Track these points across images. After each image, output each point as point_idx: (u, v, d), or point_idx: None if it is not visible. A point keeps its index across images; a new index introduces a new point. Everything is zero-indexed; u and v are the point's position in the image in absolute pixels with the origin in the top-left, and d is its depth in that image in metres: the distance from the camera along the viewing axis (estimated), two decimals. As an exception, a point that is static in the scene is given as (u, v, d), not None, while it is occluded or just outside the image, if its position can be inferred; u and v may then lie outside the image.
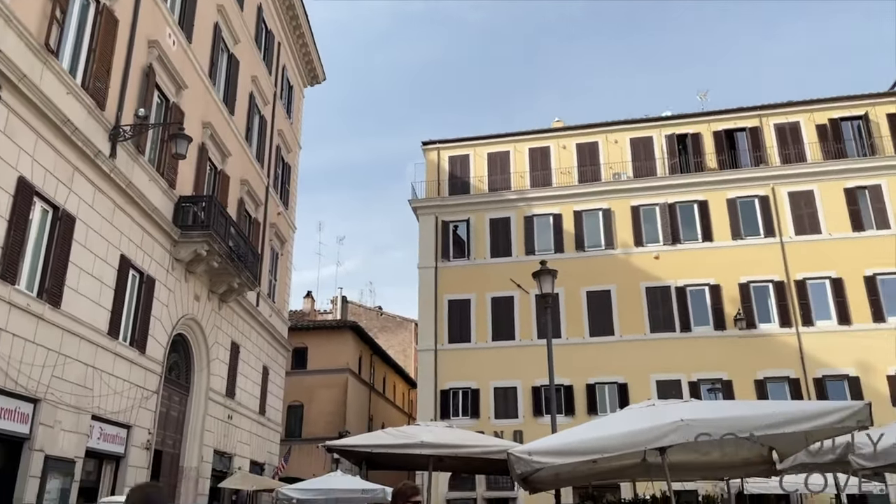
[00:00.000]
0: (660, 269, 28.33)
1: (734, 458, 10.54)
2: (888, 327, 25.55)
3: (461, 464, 11.99)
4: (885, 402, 23.92)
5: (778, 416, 7.97)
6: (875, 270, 26.31)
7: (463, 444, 9.14)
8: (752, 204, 28.51)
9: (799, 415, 7.98)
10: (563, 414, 25.60)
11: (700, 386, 26.14)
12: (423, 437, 9.08)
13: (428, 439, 9.01)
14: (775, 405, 11.61)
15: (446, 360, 28.72)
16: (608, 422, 10.35)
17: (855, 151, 28.59)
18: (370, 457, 10.77)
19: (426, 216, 31.51)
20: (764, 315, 27.00)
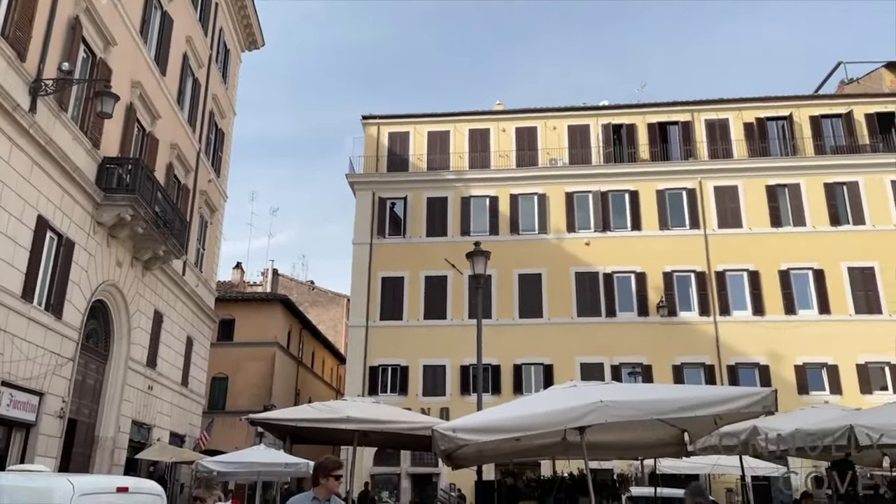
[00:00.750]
0: (590, 256, 29.03)
1: (649, 438, 10.97)
2: (798, 319, 27.04)
3: (386, 439, 12.08)
4: (792, 390, 25.36)
5: (690, 400, 8.34)
6: (790, 265, 27.73)
7: (388, 419, 9.20)
8: (680, 196, 29.50)
9: (710, 399, 8.37)
10: (489, 393, 26.03)
11: (622, 369, 27.05)
12: (349, 412, 9.09)
13: (354, 414, 9.02)
14: (688, 389, 12.14)
15: (377, 336, 28.73)
16: (531, 401, 10.60)
17: (778, 151, 29.92)
18: (295, 431, 10.71)
19: (363, 192, 31.23)
20: (685, 303, 28.10)
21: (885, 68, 31.67)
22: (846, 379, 26.05)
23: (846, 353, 26.23)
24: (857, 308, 27.00)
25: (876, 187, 28.40)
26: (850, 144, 29.37)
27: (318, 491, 5.03)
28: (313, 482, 5.09)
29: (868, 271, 27.32)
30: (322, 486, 5.01)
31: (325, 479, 5.00)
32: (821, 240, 27.83)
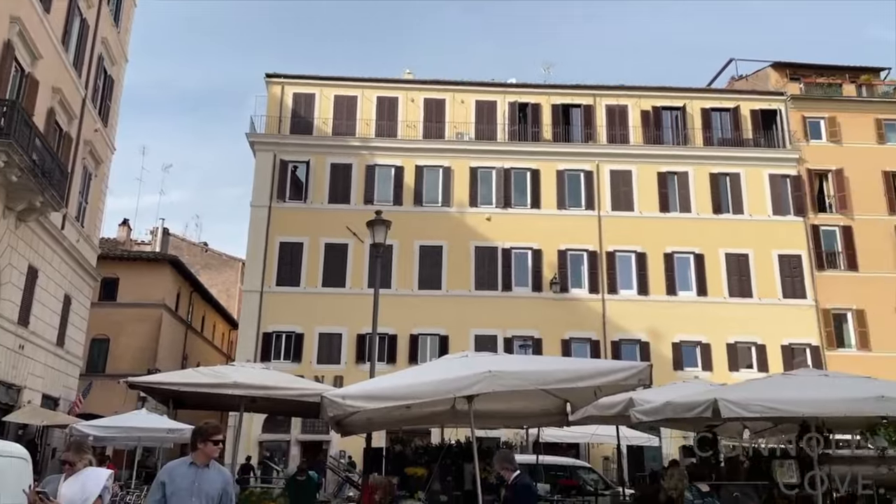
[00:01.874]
0: (490, 231, 29.55)
1: (534, 408, 11.41)
2: (678, 300, 28.77)
3: (275, 406, 11.91)
4: (668, 366, 27.02)
5: (572, 372, 8.74)
6: (674, 249, 29.37)
7: (277, 386, 9.06)
8: (579, 178, 30.49)
9: (590, 372, 8.80)
10: (384, 362, 26.14)
11: (514, 342, 27.89)
12: (236, 377, 8.88)
13: (241, 380, 8.82)
14: (571, 362, 12.68)
15: (272, 302, 28.14)
16: (422, 370, 10.75)
17: (671, 139, 31.43)
18: (178, 396, 10.35)
19: (264, 153, 30.26)
20: (576, 281, 29.23)
21: (771, 68, 33.79)
22: (717, 357, 28.04)
23: (719, 333, 28.20)
24: (731, 292, 29.00)
25: (755, 180, 30.43)
26: (736, 138, 31.28)
27: (196, 456, 4.91)
28: (191, 447, 4.97)
29: (743, 258, 29.38)
30: (200, 450, 4.90)
31: (204, 443, 4.89)
32: (703, 226, 29.61)
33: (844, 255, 29.70)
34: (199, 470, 4.84)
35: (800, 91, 32.21)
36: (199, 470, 4.84)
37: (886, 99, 32.33)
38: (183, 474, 4.79)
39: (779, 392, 9.15)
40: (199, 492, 4.74)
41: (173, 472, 4.81)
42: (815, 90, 32.38)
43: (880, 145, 31.24)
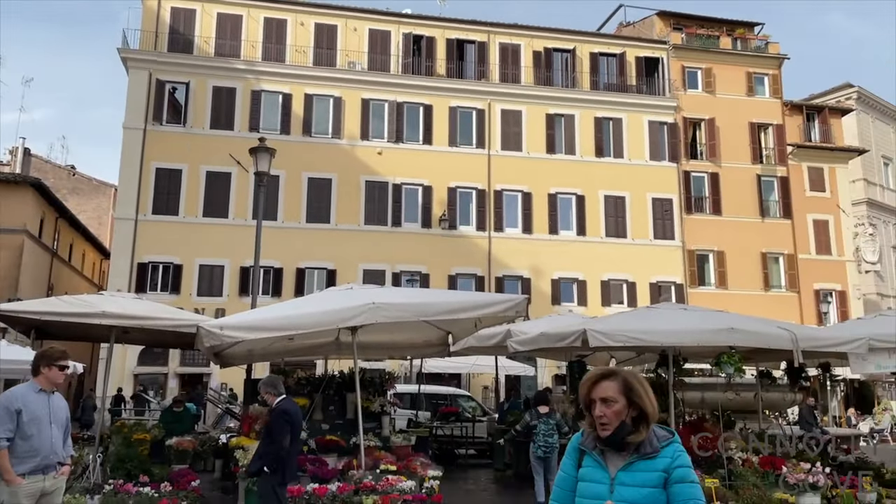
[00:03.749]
0: (381, 165, 29.26)
1: (416, 339, 11.70)
2: (559, 239, 29.98)
3: (150, 337, 11.50)
4: (547, 301, 28.34)
5: (454, 304, 9.00)
6: (558, 189, 30.38)
7: (150, 316, 8.72)
8: (470, 115, 30.59)
9: (471, 304, 9.10)
10: (269, 295, 25.71)
11: (402, 277, 28.17)
12: (105, 307, 8.45)
13: (110, 309, 8.40)
14: (453, 295, 13.04)
15: (148, 231, 26.73)
16: (305, 301, 10.69)
17: (560, 81, 32.04)
18: (42, 326, 9.75)
19: (138, 71, 28.11)
20: (465, 218, 29.71)
21: (657, 16, 34.92)
22: (592, 293, 29.66)
23: (594, 271, 29.76)
24: (607, 232, 30.53)
25: (636, 126, 31.77)
26: (621, 83, 32.34)
27: (41, 381, 4.67)
28: (34, 372, 4.70)
29: (620, 200, 30.88)
30: (44, 376, 4.65)
31: (48, 368, 4.64)
32: (586, 168, 30.74)
33: (711, 200, 31.92)
34: (49, 396, 4.63)
35: (681, 41, 33.59)
36: (48, 396, 4.63)
37: (758, 53, 34.37)
38: (36, 401, 4.55)
39: (642, 324, 9.85)
40: (55, 418, 4.55)
41: (26, 398, 4.55)
42: (695, 41, 33.88)
43: (749, 97, 33.38)
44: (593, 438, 2.59)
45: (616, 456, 2.55)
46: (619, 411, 2.54)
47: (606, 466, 2.56)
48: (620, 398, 2.54)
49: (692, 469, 2.54)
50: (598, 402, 2.55)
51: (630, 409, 2.55)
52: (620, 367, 12.49)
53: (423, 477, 8.96)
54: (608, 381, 2.57)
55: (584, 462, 2.61)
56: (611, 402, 2.53)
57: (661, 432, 2.59)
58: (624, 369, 2.67)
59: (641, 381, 2.58)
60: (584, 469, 2.60)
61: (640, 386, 2.57)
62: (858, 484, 9.95)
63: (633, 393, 2.55)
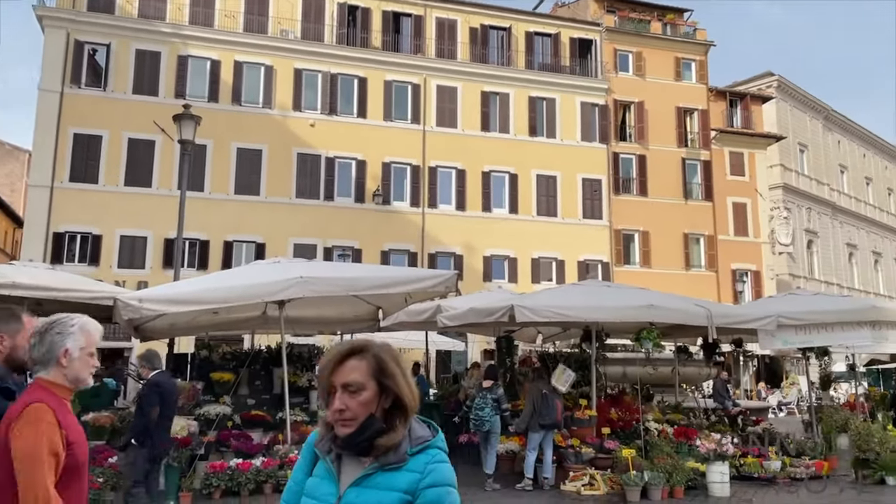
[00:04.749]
0: (314, 137, 28.71)
1: (346, 314, 11.64)
2: (492, 217, 30.26)
3: (65, 309, 10.99)
4: (479, 278, 28.63)
5: (383, 279, 8.99)
6: (491, 168, 30.58)
7: (65, 287, 8.34)
8: (406, 90, 30.31)
9: (401, 279, 9.11)
10: (195, 268, 25.03)
11: (333, 252, 27.87)
12: (16, 277, 8.03)
13: (22, 280, 7.99)
14: (383, 269, 13.02)
15: (65, 200, 25.45)
16: (230, 275, 10.47)
17: (496, 59, 32.10)
18: (-56, 297, 9.18)
19: (55, 30, 26.51)
20: (399, 194, 29.57)
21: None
22: (522, 270, 30.15)
23: (525, 249, 30.23)
24: (538, 210, 31.01)
25: (569, 106, 32.23)
26: (555, 64, 32.68)
27: None
28: None
29: (552, 179, 31.37)
30: None
31: None
32: (519, 147, 31.03)
33: (637, 182, 32.82)
34: None
35: (614, 24, 34.15)
36: None
37: (686, 39, 35.32)
38: None
39: (567, 300, 10.12)
40: None
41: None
42: (627, 24, 34.51)
43: (677, 82, 34.34)
44: (330, 439, 1.86)
45: (356, 464, 1.83)
46: (368, 401, 1.82)
47: (338, 479, 1.83)
48: (370, 383, 1.83)
49: (452, 489, 1.81)
50: (339, 390, 1.82)
51: (382, 399, 1.84)
52: (546, 342, 12.70)
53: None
54: (354, 360, 1.85)
55: (316, 470, 1.90)
56: (357, 389, 1.82)
57: (420, 431, 1.87)
58: (377, 342, 1.93)
59: (397, 358, 1.90)
60: (311, 480, 1.89)
61: (395, 365, 1.88)
62: (765, 453, 10.59)
63: (387, 375, 1.84)
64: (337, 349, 1.91)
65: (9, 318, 2.91)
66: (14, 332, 2.89)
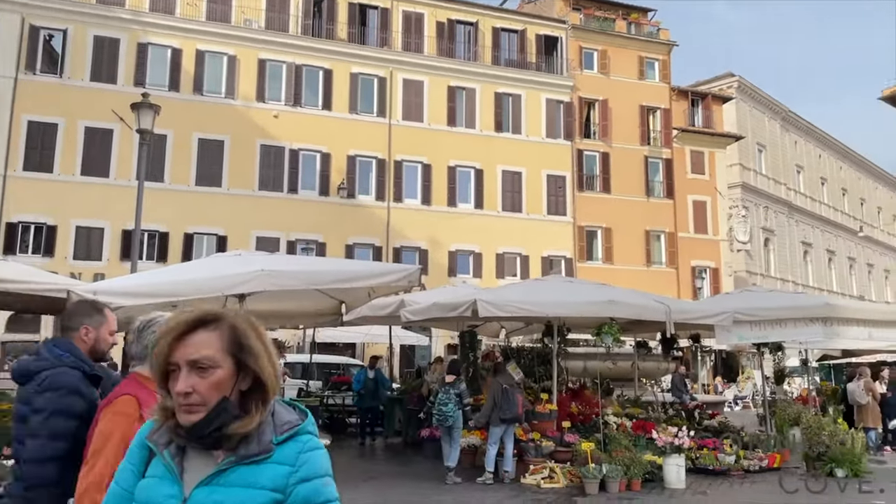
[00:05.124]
0: (277, 129, 28.36)
1: (309, 308, 11.54)
2: (457, 211, 30.31)
3: (16, 302, 10.69)
4: (444, 272, 28.67)
5: (346, 273, 8.93)
6: (457, 163, 30.61)
7: (16, 279, 8.08)
8: (372, 83, 30.13)
9: (364, 273, 9.06)
10: (154, 260, 24.55)
11: (297, 245, 27.60)
12: (-36, 268, 7.76)
13: (-30, 272, 7.73)
14: (346, 263, 12.95)
15: (17, 189, 24.70)
16: (189, 267, 10.29)
17: (462, 54, 32.11)
18: None
19: (8, 14, 25.67)
20: (364, 187, 29.41)
21: (558, -6, 35.55)
22: (487, 265, 30.28)
23: (490, 244, 30.36)
24: (504, 206, 31.16)
25: (534, 103, 32.41)
26: (521, 60, 32.81)
27: None
28: None
29: (517, 175, 31.54)
30: None
31: None
32: (485, 143, 31.11)
33: (601, 179, 33.20)
34: None
35: (580, 21, 34.43)
36: None
37: (650, 39, 35.79)
38: None
39: (529, 295, 10.20)
40: None
41: None
42: (592, 22, 34.81)
43: (640, 81, 34.79)
44: (169, 429, 1.51)
45: (205, 458, 1.50)
46: (222, 382, 1.48)
47: (180, 477, 1.49)
48: (225, 360, 1.48)
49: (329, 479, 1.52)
50: (185, 368, 1.47)
51: (240, 379, 1.50)
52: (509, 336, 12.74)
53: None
54: (205, 332, 1.49)
55: (150, 469, 1.54)
56: (207, 368, 1.47)
57: (286, 415, 1.55)
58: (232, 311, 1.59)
59: (258, 329, 1.56)
60: (144, 482, 1.54)
61: (257, 339, 1.53)
62: (720, 445, 10.83)
63: (246, 351, 1.50)
64: (181, 317, 1.52)
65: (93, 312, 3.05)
66: (98, 325, 3.01)
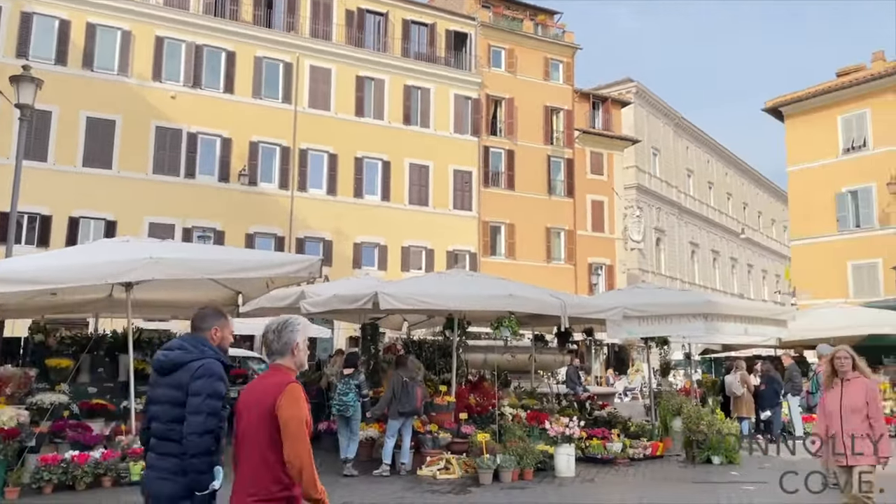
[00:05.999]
0: (175, 110, 27.11)
1: (202, 298, 11.08)
2: (363, 203, 30.05)
3: None
4: (348, 264, 28.38)
5: (243, 262, 8.67)
6: (364, 154, 30.34)
7: None
8: (277, 67, 29.33)
9: (262, 263, 8.82)
10: (34, 245, 22.94)
11: (193, 233, 26.51)
12: None
13: None
14: (242, 252, 12.58)
15: None
16: (71, 252, 9.68)
17: (372, 44, 31.80)
18: None
19: None
20: (267, 175, 28.62)
21: (468, -9, 35.84)
22: (392, 258, 30.22)
23: (396, 237, 30.31)
24: (411, 199, 31.18)
25: (443, 97, 32.58)
26: (430, 54, 32.88)
27: None
28: None
29: (424, 169, 31.63)
30: None
31: None
32: (393, 135, 30.99)
33: (506, 176, 33.85)
34: None
35: (489, 19, 34.89)
36: None
37: (555, 41, 36.76)
38: None
39: (431, 288, 10.26)
40: None
41: None
42: (501, 21, 35.37)
43: (545, 82, 35.69)
44: None
45: None
46: None
47: None
48: None
49: None
50: None
51: None
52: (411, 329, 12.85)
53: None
54: None
55: None
56: None
57: None
58: None
59: None
60: None
61: None
62: (608, 435, 11.32)
63: None
64: None
65: (220, 316, 3.80)
66: (223, 326, 3.77)
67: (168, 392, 3.50)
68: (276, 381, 3.10)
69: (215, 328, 3.70)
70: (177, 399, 3.45)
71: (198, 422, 3.35)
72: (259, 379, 3.35)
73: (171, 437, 3.43)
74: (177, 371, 3.51)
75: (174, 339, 3.86)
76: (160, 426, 3.50)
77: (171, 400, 3.47)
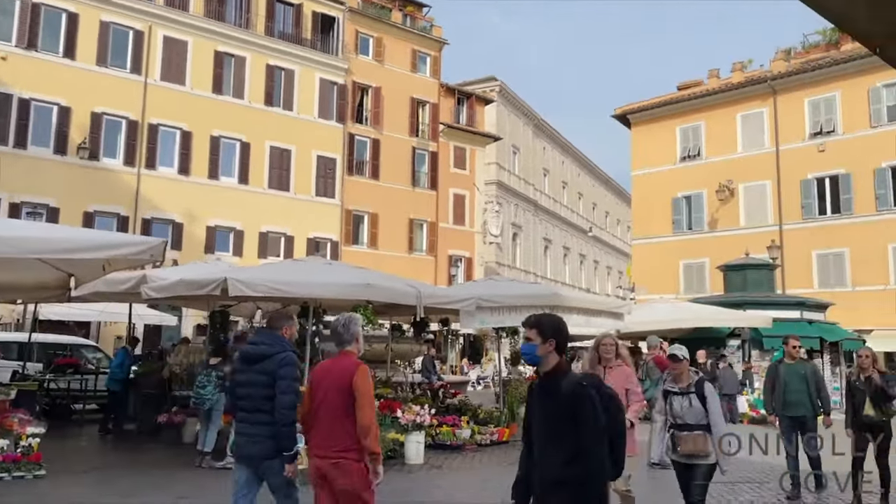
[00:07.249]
0: (5, 73, 24.40)
1: (27, 280, 10.16)
2: (219, 185, 28.66)
3: None
4: (200, 248, 27.00)
5: (76, 241, 7.98)
6: (222, 133, 28.91)
7: None
8: (126, 35, 27.21)
9: (97, 243, 8.16)
10: None
11: (22, 209, 24.08)
12: None
13: None
14: (74, 231, 11.62)
15: None
16: None
17: (233, 19, 30.33)
18: None
19: None
20: (110, 150, 26.53)
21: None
22: (249, 243, 29.11)
23: (253, 222, 29.23)
24: (270, 183, 30.16)
25: (308, 80, 31.77)
26: (296, 35, 31.91)
27: None
28: None
29: (286, 153, 30.72)
30: None
31: None
32: (253, 115, 29.80)
33: (371, 165, 33.68)
34: None
35: (357, 5, 34.45)
36: None
37: (423, 33, 37.00)
38: None
39: (285, 275, 10.00)
40: None
41: None
42: (369, 8, 35.03)
43: (412, 73, 35.85)
44: None
45: None
46: None
47: None
48: None
49: None
50: None
51: None
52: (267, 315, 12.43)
53: (21, 434, 7.90)
54: None
55: None
56: None
57: None
58: None
59: None
60: None
61: None
62: (458, 423, 11.62)
63: None
64: None
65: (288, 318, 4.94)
66: (290, 326, 4.93)
67: (257, 377, 4.58)
68: (350, 363, 4.16)
69: (286, 327, 4.85)
70: (266, 382, 4.51)
71: (289, 400, 4.43)
72: (332, 362, 4.33)
73: (263, 409, 4.48)
74: (263, 361, 4.58)
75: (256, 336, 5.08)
76: (250, 403, 4.56)
77: (261, 383, 4.54)
